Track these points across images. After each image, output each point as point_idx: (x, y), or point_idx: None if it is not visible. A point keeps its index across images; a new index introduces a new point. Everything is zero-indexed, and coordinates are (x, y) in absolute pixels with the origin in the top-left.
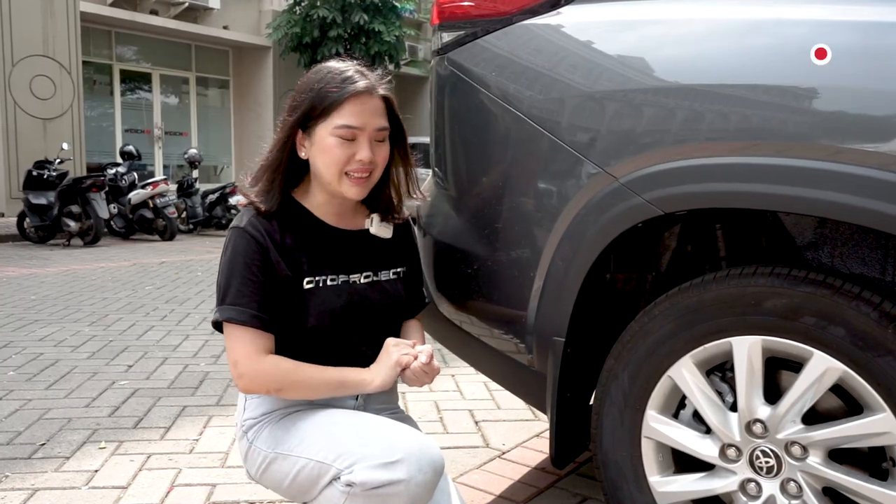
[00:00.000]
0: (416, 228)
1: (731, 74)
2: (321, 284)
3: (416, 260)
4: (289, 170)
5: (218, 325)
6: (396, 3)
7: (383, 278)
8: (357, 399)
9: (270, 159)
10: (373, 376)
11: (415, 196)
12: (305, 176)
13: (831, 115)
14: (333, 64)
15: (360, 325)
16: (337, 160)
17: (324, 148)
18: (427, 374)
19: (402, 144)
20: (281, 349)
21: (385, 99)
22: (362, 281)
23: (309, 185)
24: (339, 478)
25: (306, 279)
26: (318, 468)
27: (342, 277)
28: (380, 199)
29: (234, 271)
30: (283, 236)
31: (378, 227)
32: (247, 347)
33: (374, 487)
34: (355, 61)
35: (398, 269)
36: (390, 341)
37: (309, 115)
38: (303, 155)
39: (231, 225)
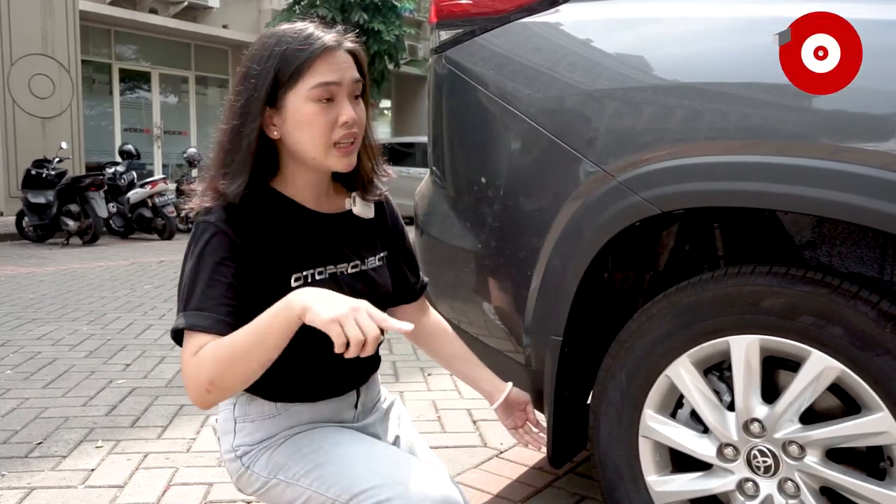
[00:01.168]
0: (414, 223)
1: (730, 73)
2: (309, 280)
3: (401, 239)
4: (262, 155)
5: (178, 337)
6: (396, 3)
7: (369, 266)
8: (356, 407)
9: (240, 143)
10: (290, 306)
11: (380, 172)
12: (277, 160)
13: (830, 113)
14: (287, 26)
15: None
16: (321, 129)
17: (301, 119)
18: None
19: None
20: (290, 369)
21: (353, 53)
22: (350, 271)
23: (284, 169)
24: None
25: (294, 276)
26: (330, 503)
27: (330, 270)
28: (357, 172)
29: (201, 271)
30: (263, 230)
31: (361, 207)
32: (187, 355)
33: None
34: (309, 21)
35: (382, 254)
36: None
37: (275, 84)
38: (274, 134)
39: (199, 218)
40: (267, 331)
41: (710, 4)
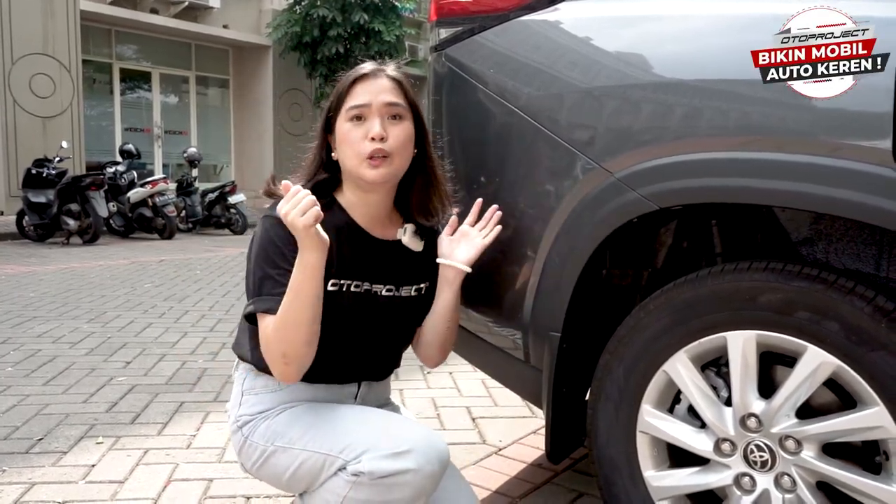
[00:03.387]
0: None
1: (729, 70)
2: (344, 289)
3: (430, 275)
4: (332, 174)
5: (251, 317)
6: (397, 3)
7: (403, 294)
8: (356, 399)
9: (308, 162)
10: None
11: (445, 206)
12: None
13: (830, 111)
14: (357, 66)
15: (370, 335)
16: (352, 143)
17: (341, 136)
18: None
19: (423, 137)
20: None
21: (394, 80)
22: (383, 293)
23: (344, 188)
24: (344, 468)
25: (331, 280)
26: (322, 460)
27: (365, 286)
28: (410, 201)
29: (271, 260)
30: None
31: (410, 239)
32: (262, 337)
33: (383, 476)
34: (378, 60)
35: (421, 286)
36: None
37: (329, 113)
38: (334, 156)
39: (265, 214)
40: (299, 286)
41: (709, 1)
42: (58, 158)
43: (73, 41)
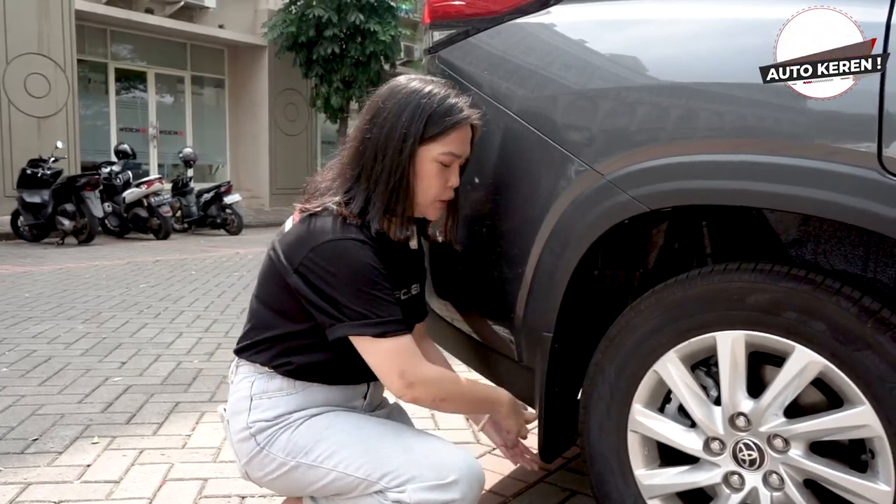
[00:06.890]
0: None
1: (718, 73)
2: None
3: (425, 272)
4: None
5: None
6: (392, 3)
7: (413, 293)
8: (365, 398)
9: (399, 182)
10: (504, 399)
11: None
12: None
13: (820, 114)
14: (431, 87)
15: None
16: (436, 186)
17: (424, 172)
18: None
19: None
20: (317, 352)
21: (475, 129)
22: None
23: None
24: (382, 492)
25: (395, 292)
26: (356, 483)
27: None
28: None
29: (373, 282)
30: (379, 248)
31: (416, 241)
32: (410, 356)
33: None
34: (445, 86)
35: (419, 283)
36: None
37: (421, 137)
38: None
39: (334, 237)
40: (487, 406)
41: (698, 6)
42: (53, 158)
43: (68, 41)
